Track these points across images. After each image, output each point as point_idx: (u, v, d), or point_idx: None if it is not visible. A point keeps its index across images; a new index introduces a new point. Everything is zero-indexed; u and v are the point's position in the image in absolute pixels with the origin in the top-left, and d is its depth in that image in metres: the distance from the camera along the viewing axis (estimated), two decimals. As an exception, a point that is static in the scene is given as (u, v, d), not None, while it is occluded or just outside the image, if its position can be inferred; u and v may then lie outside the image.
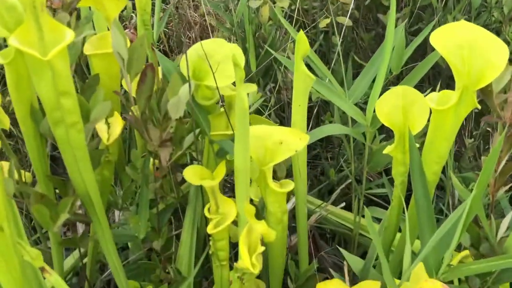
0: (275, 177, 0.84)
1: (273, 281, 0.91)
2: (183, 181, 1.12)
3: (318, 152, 1.38)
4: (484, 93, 0.75)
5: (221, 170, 0.76)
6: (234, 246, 0.92)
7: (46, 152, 0.82)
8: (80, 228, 1.09)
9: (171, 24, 1.87)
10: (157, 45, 1.76)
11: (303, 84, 0.81)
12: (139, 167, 1.06)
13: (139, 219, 1.01)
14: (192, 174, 0.74)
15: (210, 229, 0.77)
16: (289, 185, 0.79)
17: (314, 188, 1.25)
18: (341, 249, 0.79)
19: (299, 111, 0.80)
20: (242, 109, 0.68)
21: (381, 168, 1.03)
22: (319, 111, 1.36)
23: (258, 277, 1.05)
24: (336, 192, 1.09)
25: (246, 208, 0.69)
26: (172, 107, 0.78)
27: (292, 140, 0.76)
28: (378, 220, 1.15)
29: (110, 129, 0.85)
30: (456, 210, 0.70)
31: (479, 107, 0.70)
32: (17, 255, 0.65)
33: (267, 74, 1.42)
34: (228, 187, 1.26)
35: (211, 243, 0.81)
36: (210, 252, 0.83)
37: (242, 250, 0.69)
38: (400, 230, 0.95)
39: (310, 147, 1.38)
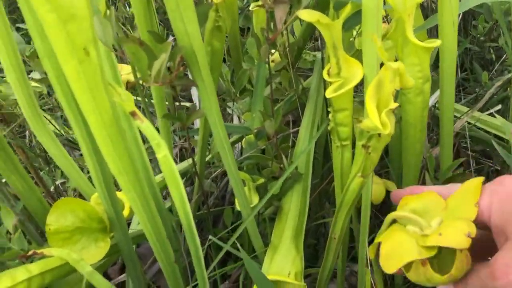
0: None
1: (407, 176, 0.75)
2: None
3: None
4: None
5: (345, 11, 0.61)
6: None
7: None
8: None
9: None
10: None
11: None
12: (254, 56, 0.96)
13: (254, 109, 0.91)
14: (307, 13, 0.60)
15: (329, 93, 0.63)
16: (434, 42, 0.63)
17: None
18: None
19: None
20: None
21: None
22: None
23: (388, 177, 0.90)
24: (490, 91, 0.88)
25: (379, 46, 0.53)
26: None
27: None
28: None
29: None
30: None
31: None
32: (107, 95, 0.57)
33: None
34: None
35: (330, 115, 0.68)
36: (329, 128, 0.69)
37: (369, 105, 0.54)
38: None
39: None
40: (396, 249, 0.52)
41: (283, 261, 0.79)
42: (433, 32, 1.15)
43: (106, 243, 0.76)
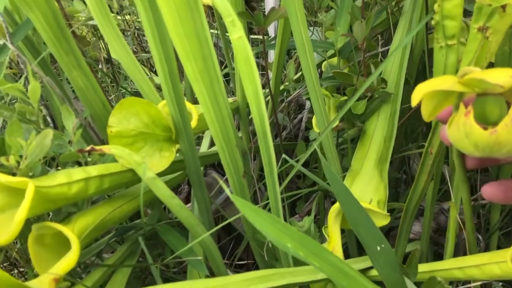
0: None
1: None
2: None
3: None
4: None
5: None
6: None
7: None
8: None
9: None
10: None
11: None
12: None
13: (339, 22, 0.81)
14: None
15: (438, -27, 0.53)
16: None
17: None
18: None
19: None
20: None
21: None
22: None
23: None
24: None
25: None
26: None
27: None
28: None
29: None
30: None
31: None
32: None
33: None
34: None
35: (435, 6, 0.57)
36: (433, 22, 0.58)
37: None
38: None
39: None
40: (432, 82, 0.43)
41: (364, 187, 0.69)
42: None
43: (171, 153, 0.70)
